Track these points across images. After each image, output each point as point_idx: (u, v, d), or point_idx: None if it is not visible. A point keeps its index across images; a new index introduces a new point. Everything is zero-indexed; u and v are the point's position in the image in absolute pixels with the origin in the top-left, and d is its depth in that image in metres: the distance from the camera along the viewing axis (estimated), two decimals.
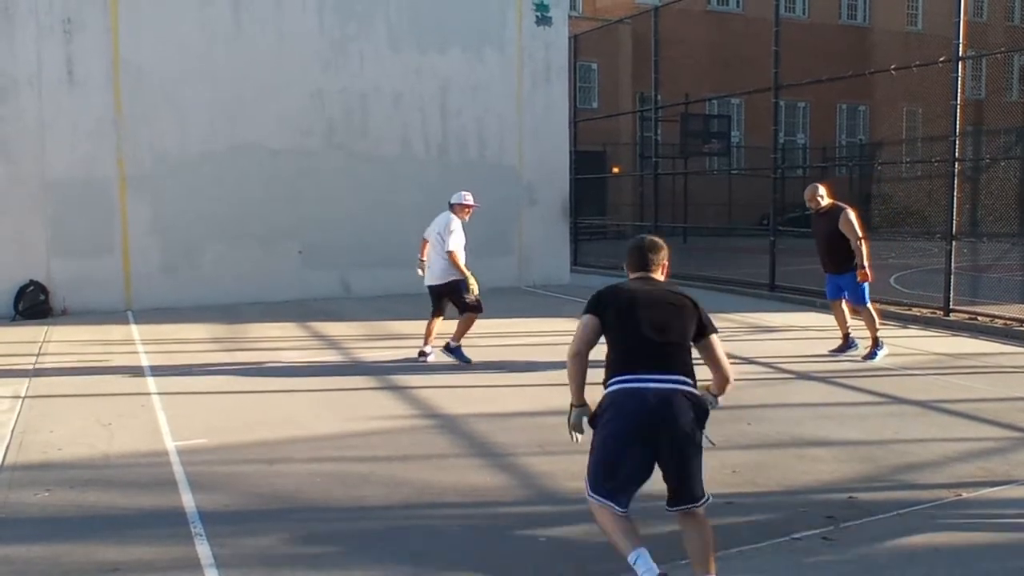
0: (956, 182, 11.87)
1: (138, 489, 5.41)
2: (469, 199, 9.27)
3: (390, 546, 4.53)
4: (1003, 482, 5.41)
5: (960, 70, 11.69)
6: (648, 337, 4.00)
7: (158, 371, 8.82)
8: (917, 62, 13.41)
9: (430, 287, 9.25)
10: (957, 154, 11.92)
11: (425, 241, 9.39)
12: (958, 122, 11.69)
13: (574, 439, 4.27)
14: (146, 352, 9.89)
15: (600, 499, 3.96)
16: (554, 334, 11.13)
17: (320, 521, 4.87)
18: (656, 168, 18.81)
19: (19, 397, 7.75)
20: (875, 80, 25.64)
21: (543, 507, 5.14)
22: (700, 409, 4.06)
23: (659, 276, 4.30)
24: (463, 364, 8.94)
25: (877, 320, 9.31)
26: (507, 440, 6.35)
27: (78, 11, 12.75)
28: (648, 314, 4.04)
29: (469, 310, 9.02)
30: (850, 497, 5.15)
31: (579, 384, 4.14)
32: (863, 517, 4.82)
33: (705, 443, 4.06)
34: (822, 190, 9.39)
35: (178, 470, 5.73)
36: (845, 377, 8.41)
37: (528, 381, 8.43)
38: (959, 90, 11.68)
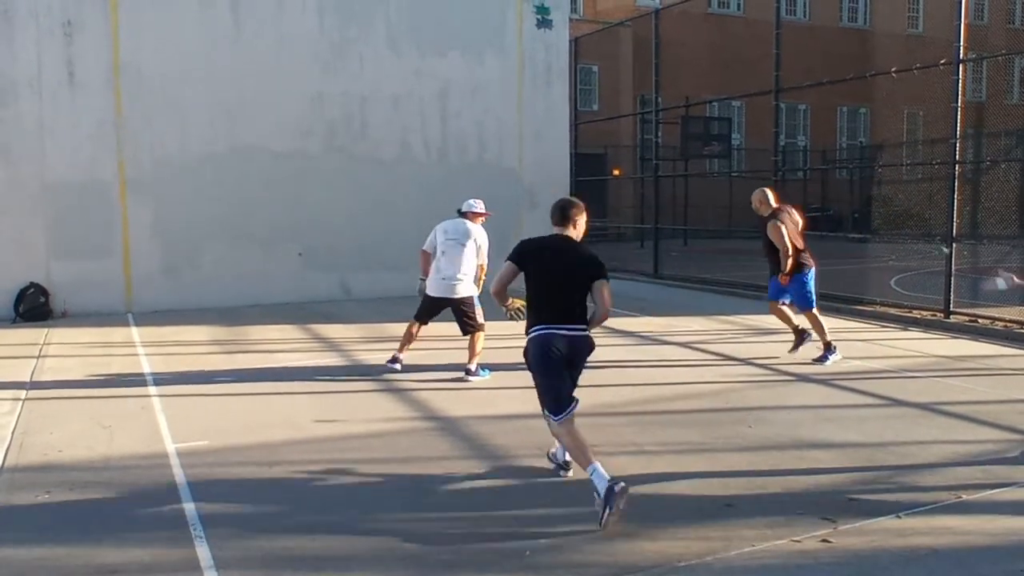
0: (956, 184, 11.86)
1: (138, 491, 5.41)
2: (481, 207, 8.80)
3: (389, 548, 4.52)
4: (1003, 484, 5.40)
5: (961, 73, 11.69)
6: (557, 288, 5.24)
7: (158, 373, 8.83)
8: (918, 65, 13.41)
9: (442, 299, 8.64)
10: (958, 156, 11.91)
11: (427, 254, 8.76)
12: (959, 124, 11.69)
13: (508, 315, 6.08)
14: (146, 354, 9.89)
15: (557, 416, 5.17)
16: None
17: (320, 523, 4.86)
18: (656, 170, 18.80)
19: (19, 399, 7.75)
20: (876, 83, 25.62)
21: (543, 509, 5.13)
22: (590, 342, 5.32)
23: (575, 232, 5.50)
24: (481, 376, 8.52)
25: (824, 325, 9.31)
26: (506, 442, 6.35)
27: (78, 13, 12.76)
28: (559, 267, 5.27)
29: (477, 329, 8.52)
30: (850, 499, 5.15)
31: (503, 302, 5.89)
32: (863, 519, 4.81)
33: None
34: (770, 196, 9.37)
35: (178, 472, 5.73)
36: (845, 379, 8.41)
37: (527, 383, 8.37)
38: (960, 93, 11.67)
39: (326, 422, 6.97)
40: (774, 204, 9.31)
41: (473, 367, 8.52)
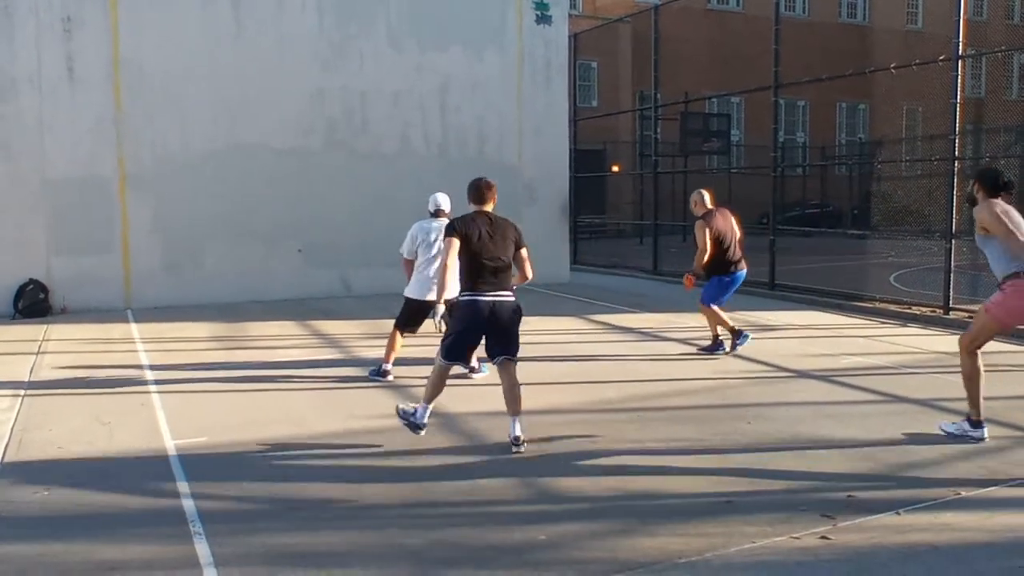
0: (956, 180, 11.87)
1: (137, 488, 5.41)
2: (446, 205, 8.34)
3: (390, 545, 4.52)
4: (1002, 481, 5.41)
5: (960, 69, 11.69)
6: (488, 259, 6.02)
7: (158, 369, 8.83)
8: (917, 61, 13.40)
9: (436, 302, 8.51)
10: (957, 152, 11.92)
11: (410, 261, 8.27)
12: (958, 120, 11.70)
13: (439, 328, 6.32)
14: (146, 351, 9.89)
15: (450, 363, 6.17)
16: (553, 332, 11.14)
17: (320, 520, 4.87)
18: (656, 166, 18.81)
19: (19, 395, 7.75)
20: (875, 79, 25.55)
21: (542, 505, 5.14)
22: (516, 305, 6.15)
23: (492, 207, 6.32)
24: (483, 372, 8.40)
25: (716, 322, 9.52)
26: (506, 438, 6.35)
27: (78, 9, 12.75)
28: (489, 240, 6.07)
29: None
30: (849, 496, 5.15)
31: (443, 289, 6.30)
32: (862, 516, 4.82)
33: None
34: (706, 197, 9.57)
35: (177, 469, 5.73)
36: (845, 376, 8.41)
37: (527, 379, 8.38)
38: (959, 88, 11.67)
39: (326, 418, 6.97)
40: (709, 205, 9.53)
41: (475, 364, 8.46)
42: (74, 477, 5.58)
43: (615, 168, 29.00)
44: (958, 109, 11.67)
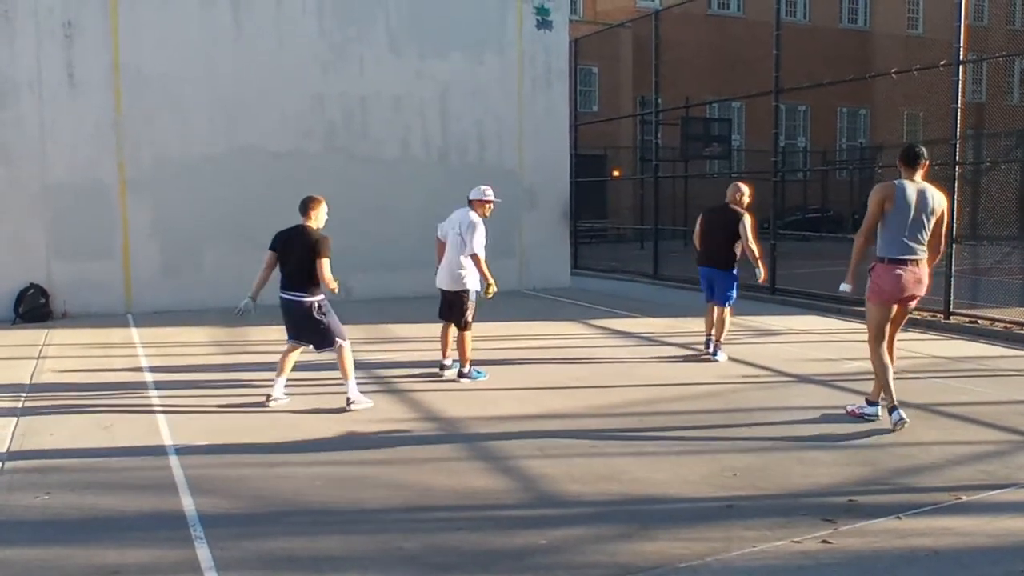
0: (956, 185, 11.87)
1: (138, 492, 5.40)
2: (490, 194, 8.57)
3: (390, 549, 4.52)
4: (1003, 485, 5.40)
5: (961, 74, 11.70)
6: (291, 268, 7.38)
7: (158, 373, 8.82)
8: (918, 66, 13.42)
9: (443, 291, 8.57)
10: (958, 157, 11.92)
11: (441, 242, 8.63)
12: (959, 125, 11.70)
13: (237, 312, 7.46)
14: (146, 355, 9.89)
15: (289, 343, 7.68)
16: (554, 337, 11.14)
17: (320, 524, 4.86)
18: (656, 171, 18.80)
19: (19, 399, 7.75)
20: (876, 84, 25.68)
21: (542, 510, 5.13)
22: (309, 306, 7.42)
23: (312, 222, 7.50)
24: (475, 377, 8.49)
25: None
26: (506, 443, 6.35)
27: (78, 14, 12.77)
28: (293, 248, 7.37)
29: (463, 328, 8.40)
30: (850, 500, 5.15)
31: (259, 286, 7.59)
32: (863, 520, 4.81)
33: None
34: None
35: (178, 473, 5.73)
36: (845, 380, 8.41)
37: (527, 384, 8.42)
38: (960, 94, 11.68)
39: (326, 423, 6.97)
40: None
41: (465, 370, 8.47)
42: (75, 481, 5.57)
43: (616, 173, 29.01)
44: (959, 114, 11.67)
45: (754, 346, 10.41)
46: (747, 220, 9.35)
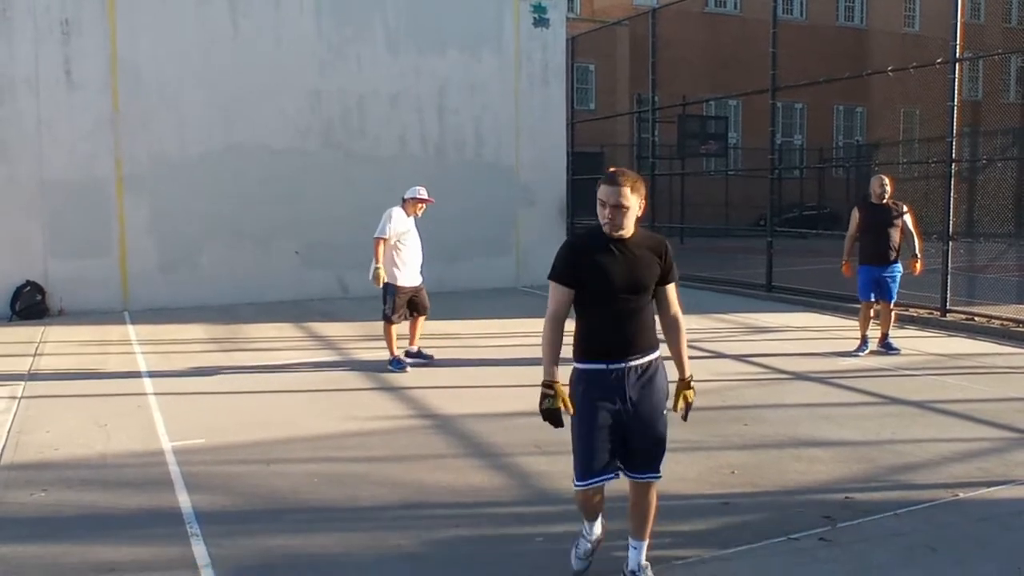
0: (953, 183, 11.88)
1: (134, 489, 5.40)
2: (423, 193, 9.10)
3: (387, 546, 4.52)
4: (1000, 482, 5.41)
5: (957, 71, 11.70)
6: None
7: (155, 371, 8.81)
8: (914, 63, 13.42)
9: (416, 288, 9.13)
10: (954, 155, 11.93)
11: (381, 241, 8.98)
12: (955, 123, 11.71)
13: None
14: (143, 352, 9.87)
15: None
16: None
17: (317, 521, 4.86)
18: (653, 169, 18.81)
19: (15, 397, 7.74)
20: (872, 81, 25.65)
21: (540, 507, 5.13)
22: None
23: None
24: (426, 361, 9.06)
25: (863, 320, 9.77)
26: (504, 440, 6.35)
27: (76, 12, 12.73)
28: None
29: (383, 320, 8.94)
30: (847, 497, 5.15)
31: None
32: (860, 517, 4.82)
33: None
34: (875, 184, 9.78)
35: (174, 470, 5.72)
36: (842, 378, 8.41)
37: (524, 381, 8.38)
38: (956, 91, 11.69)
39: (323, 420, 6.96)
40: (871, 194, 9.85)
41: (405, 357, 8.93)
42: (71, 478, 5.57)
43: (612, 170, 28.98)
44: (955, 112, 11.68)
45: (750, 343, 10.41)
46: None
